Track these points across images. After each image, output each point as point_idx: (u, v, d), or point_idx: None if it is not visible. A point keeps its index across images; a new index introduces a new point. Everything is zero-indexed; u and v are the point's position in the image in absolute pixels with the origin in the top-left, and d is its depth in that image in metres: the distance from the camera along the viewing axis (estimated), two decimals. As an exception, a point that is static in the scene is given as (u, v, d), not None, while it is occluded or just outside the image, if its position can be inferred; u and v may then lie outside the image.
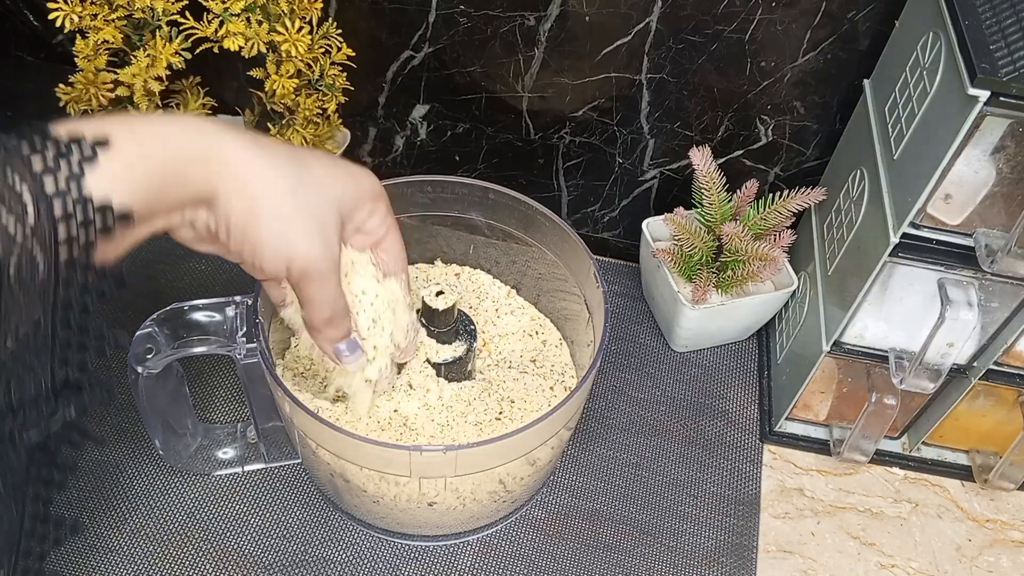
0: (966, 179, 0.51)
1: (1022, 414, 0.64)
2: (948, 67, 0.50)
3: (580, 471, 0.68)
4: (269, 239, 0.42)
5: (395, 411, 0.60)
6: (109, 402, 0.40)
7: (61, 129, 0.35)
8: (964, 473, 0.70)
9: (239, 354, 0.53)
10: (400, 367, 0.59)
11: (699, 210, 0.72)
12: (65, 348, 0.36)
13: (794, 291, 0.72)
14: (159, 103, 0.63)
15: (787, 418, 0.71)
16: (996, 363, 0.61)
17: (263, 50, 0.62)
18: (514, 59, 0.72)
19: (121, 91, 0.62)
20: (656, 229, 0.75)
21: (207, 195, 0.40)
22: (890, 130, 0.58)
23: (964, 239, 0.54)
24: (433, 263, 0.73)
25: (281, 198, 0.42)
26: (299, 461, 0.65)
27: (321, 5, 0.65)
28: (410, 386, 0.60)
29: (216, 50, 0.61)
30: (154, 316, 0.53)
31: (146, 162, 0.37)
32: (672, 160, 0.77)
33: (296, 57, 0.63)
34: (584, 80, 0.72)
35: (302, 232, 0.43)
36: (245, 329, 0.54)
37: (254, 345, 0.53)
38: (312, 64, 0.65)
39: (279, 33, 0.62)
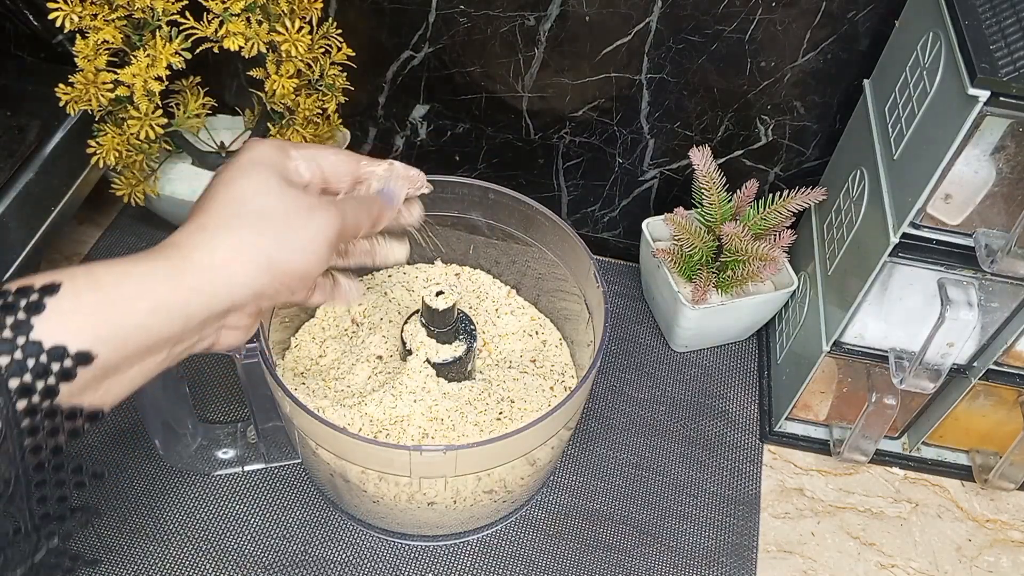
0: (966, 179, 0.51)
1: (1022, 414, 0.64)
2: (948, 67, 0.50)
3: (580, 471, 0.68)
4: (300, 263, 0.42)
5: (395, 411, 0.60)
6: (93, 521, 0.39)
7: (12, 284, 0.34)
8: (964, 473, 0.70)
9: (239, 354, 0.53)
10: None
11: (699, 210, 0.72)
12: (41, 488, 0.36)
13: (794, 291, 0.72)
14: (159, 103, 0.64)
15: (787, 418, 0.71)
16: (996, 363, 0.61)
17: (263, 50, 0.62)
18: (514, 59, 0.72)
19: (121, 91, 0.62)
20: (656, 229, 0.75)
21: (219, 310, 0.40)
22: (890, 130, 0.58)
23: (964, 239, 0.54)
24: (433, 263, 0.73)
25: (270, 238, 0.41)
26: (299, 461, 0.65)
27: (321, 5, 0.65)
28: (410, 386, 0.60)
29: (216, 50, 0.61)
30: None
31: (112, 306, 0.36)
32: (672, 160, 0.77)
33: (296, 57, 0.63)
34: (584, 80, 0.72)
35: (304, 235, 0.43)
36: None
37: (254, 345, 0.53)
38: (312, 64, 0.65)
39: (279, 33, 0.62)
